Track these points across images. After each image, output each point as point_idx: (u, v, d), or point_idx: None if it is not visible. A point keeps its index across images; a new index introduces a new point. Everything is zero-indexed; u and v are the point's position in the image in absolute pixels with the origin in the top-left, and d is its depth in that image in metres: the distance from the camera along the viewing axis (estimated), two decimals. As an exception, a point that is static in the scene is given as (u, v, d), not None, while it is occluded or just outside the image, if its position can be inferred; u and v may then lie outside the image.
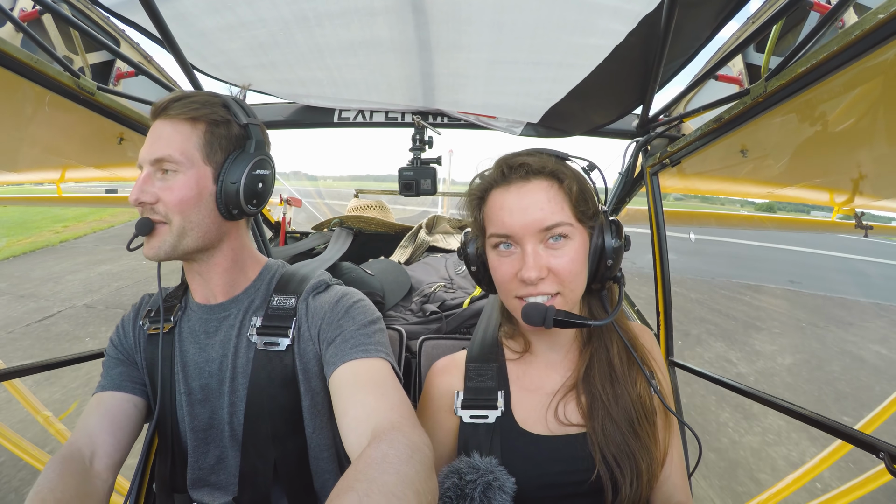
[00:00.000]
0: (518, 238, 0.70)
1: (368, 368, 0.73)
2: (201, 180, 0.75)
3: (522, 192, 0.70)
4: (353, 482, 0.47)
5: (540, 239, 0.69)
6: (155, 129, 0.76)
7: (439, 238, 1.98)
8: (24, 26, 0.90)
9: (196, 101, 0.76)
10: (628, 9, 0.79)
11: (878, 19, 0.58)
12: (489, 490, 0.65)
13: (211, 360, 0.81)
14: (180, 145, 0.74)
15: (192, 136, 0.75)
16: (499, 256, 0.73)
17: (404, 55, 1.10)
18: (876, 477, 1.56)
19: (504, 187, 0.72)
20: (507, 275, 0.71)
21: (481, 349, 0.86)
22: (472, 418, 0.77)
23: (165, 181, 0.74)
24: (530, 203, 0.69)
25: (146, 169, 0.74)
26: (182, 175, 0.74)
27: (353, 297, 0.84)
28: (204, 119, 0.76)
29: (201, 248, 0.78)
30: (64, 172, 1.81)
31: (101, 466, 0.72)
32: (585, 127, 1.38)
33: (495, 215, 0.72)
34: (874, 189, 1.34)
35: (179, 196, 0.73)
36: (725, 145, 1.09)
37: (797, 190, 1.49)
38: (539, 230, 0.68)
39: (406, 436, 0.57)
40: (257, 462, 0.79)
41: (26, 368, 1.16)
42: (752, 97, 0.87)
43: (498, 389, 0.79)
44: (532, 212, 0.69)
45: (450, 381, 0.83)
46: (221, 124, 0.78)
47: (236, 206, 0.77)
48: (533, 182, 0.70)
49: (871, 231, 1.69)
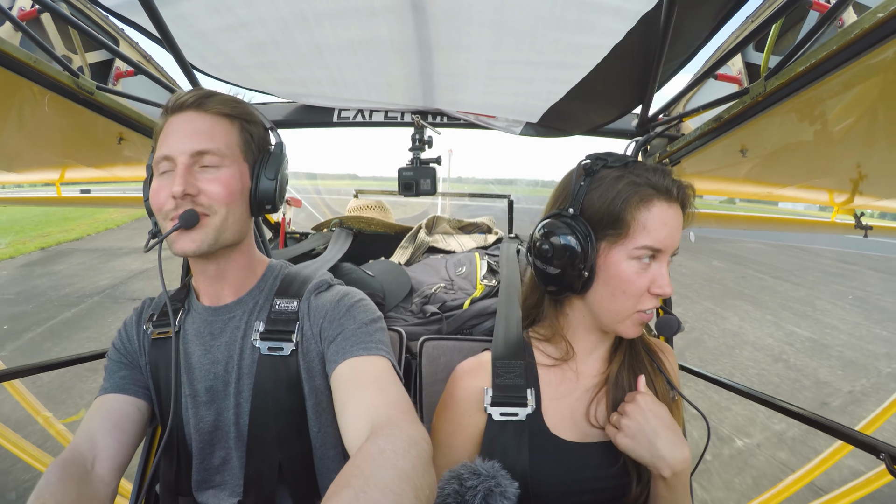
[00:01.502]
0: (662, 256, 0.73)
1: (369, 366, 0.73)
2: (243, 176, 0.78)
3: (677, 214, 0.73)
4: (350, 478, 0.46)
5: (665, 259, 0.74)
6: (185, 121, 0.75)
7: (439, 238, 1.98)
8: (22, 25, 0.89)
9: (231, 100, 0.79)
10: (627, 8, 0.79)
11: (877, 18, 0.58)
12: (490, 496, 0.64)
13: (217, 361, 0.81)
14: (224, 139, 0.75)
15: (232, 131, 0.77)
16: (637, 268, 0.71)
17: (404, 55, 1.10)
18: (876, 477, 1.56)
19: (668, 203, 0.72)
20: (641, 288, 0.72)
21: (507, 347, 0.85)
22: (501, 416, 0.77)
23: (210, 174, 0.74)
24: (676, 227, 0.73)
25: (183, 160, 0.72)
26: (227, 169, 0.75)
27: (354, 297, 0.84)
28: (239, 117, 0.78)
29: (235, 242, 0.80)
30: (63, 172, 1.81)
31: (103, 470, 0.72)
32: (585, 126, 1.38)
33: (656, 228, 0.70)
34: (874, 189, 1.34)
35: (228, 189, 0.75)
36: (725, 145, 1.09)
37: (797, 190, 1.49)
38: (672, 253, 0.74)
39: (403, 431, 0.57)
40: (262, 464, 0.79)
41: (26, 369, 1.16)
42: (752, 96, 0.87)
43: (527, 387, 0.79)
44: (677, 236, 0.73)
45: (476, 382, 0.82)
46: (254, 124, 0.81)
47: (271, 202, 0.80)
48: (675, 206, 0.73)
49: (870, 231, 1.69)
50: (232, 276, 0.83)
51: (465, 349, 1.20)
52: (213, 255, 0.79)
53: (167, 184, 0.73)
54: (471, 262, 1.58)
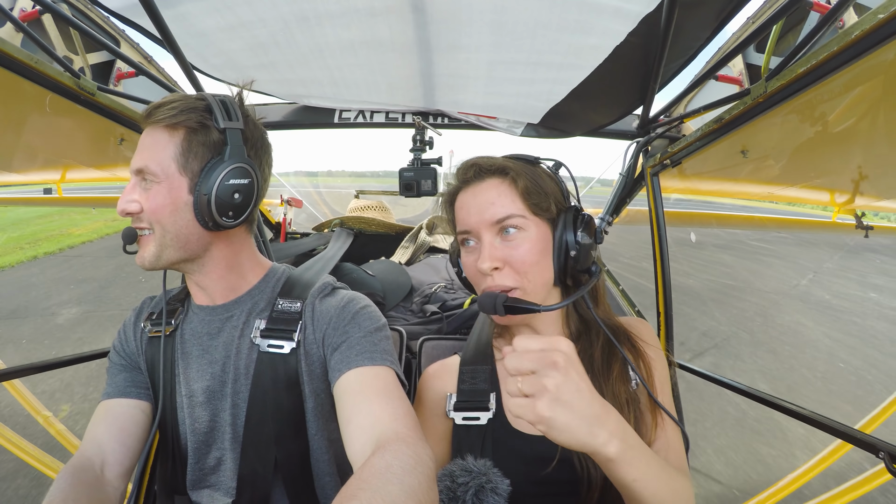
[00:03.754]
0: (476, 232, 0.75)
1: (374, 376, 0.72)
2: (174, 191, 0.72)
3: (477, 191, 0.76)
4: (357, 491, 0.47)
5: (495, 232, 0.74)
6: (142, 137, 0.75)
7: (440, 238, 1.98)
8: (23, 26, 0.90)
9: (176, 107, 0.72)
10: (628, 9, 0.79)
11: (878, 19, 0.58)
12: (481, 492, 0.65)
13: (214, 361, 0.81)
14: (156, 155, 0.72)
15: (169, 145, 0.72)
16: (466, 253, 0.79)
17: (404, 55, 1.10)
18: (875, 477, 1.56)
19: (464, 189, 0.78)
20: (471, 269, 0.77)
21: (475, 352, 0.86)
22: (464, 420, 0.78)
23: (146, 191, 0.73)
24: (483, 200, 0.75)
25: (132, 179, 0.74)
26: (157, 185, 0.72)
27: (359, 303, 0.84)
28: (182, 126, 0.73)
29: (184, 258, 0.76)
30: (64, 173, 1.81)
31: (112, 474, 0.72)
32: (586, 127, 1.39)
33: (458, 215, 0.79)
34: (875, 189, 1.34)
35: (153, 205, 0.72)
36: (726, 146, 1.09)
37: (798, 190, 1.49)
38: (491, 223, 0.73)
39: (410, 447, 0.57)
40: (256, 464, 0.79)
41: (26, 368, 1.16)
42: (753, 97, 0.87)
43: (491, 391, 0.80)
44: (485, 207, 0.74)
45: (442, 386, 0.83)
46: (199, 131, 0.73)
47: (210, 219, 0.73)
48: (486, 181, 0.76)
49: (871, 231, 1.69)
50: (213, 285, 0.82)
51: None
52: (176, 268, 0.78)
53: None
54: (471, 263, 1.58)
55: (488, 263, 0.71)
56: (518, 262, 0.72)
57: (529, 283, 0.73)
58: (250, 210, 0.78)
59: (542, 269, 0.74)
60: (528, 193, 0.74)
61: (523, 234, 0.73)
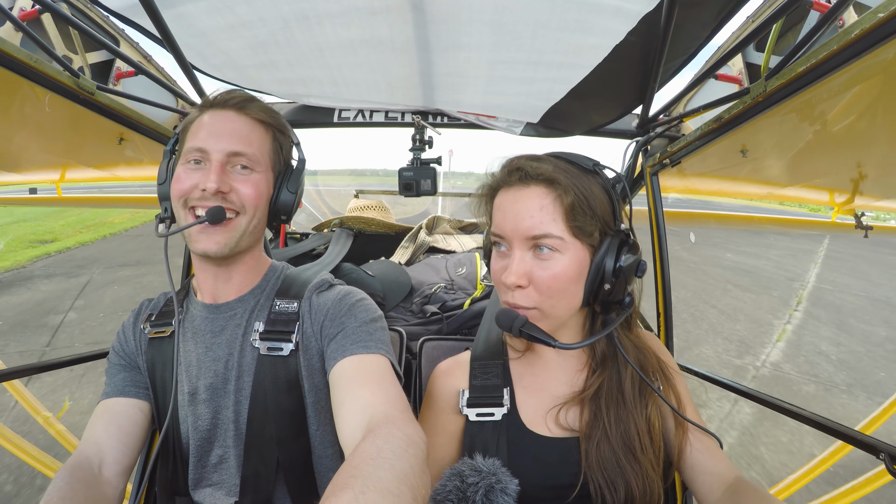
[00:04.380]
0: (509, 241, 0.70)
1: (367, 363, 0.73)
2: (269, 184, 0.80)
3: (518, 197, 0.70)
4: (349, 478, 0.46)
5: (528, 246, 0.68)
6: (226, 120, 0.77)
7: (439, 238, 1.98)
8: (23, 26, 0.89)
9: (270, 109, 0.81)
10: (628, 8, 0.79)
11: (877, 18, 0.58)
12: (491, 493, 0.64)
13: (217, 358, 0.81)
14: (260, 145, 0.78)
15: (266, 139, 0.80)
16: (496, 256, 0.74)
17: (404, 54, 1.10)
18: (876, 477, 1.56)
19: (506, 189, 0.72)
20: (497, 274, 0.73)
21: (486, 347, 0.86)
22: (478, 416, 0.77)
23: (244, 175, 0.76)
24: (522, 209, 0.68)
25: (218, 157, 0.74)
26: (258, 174, 0.77)
27: (355, 296, 0.85)
28: (274, 127, 0.81)
29: (251, 247, 0.82)
30: (64, 172, 1.81)
31: (110, 474, 0.72)
32: (585, 127, 1.38)
33: (496, 215, 0.73)
34: (874, 189, 1.34)
35: (256, 191, 0.77)
36: (725, 145, 1.08)
37: (797, 190, 1.49)
38: (525, 237, 0.68)
39: (401, 429, 0.57)
40: (260, 465, 0.79)
41: (26, 368, 1.16)
42: (752, 96, 0.86)
43: (503, 387, 0.79)
44: (522, 218, 0.68)
45: (454, 382, 0.82)
46: (285, 136, 0.84)
47: (287, 214, 0.82)
48: (531, 187, 0.69)
49: (871, 231, 1.69)
50: (238, 278, 0.84)
51: (464, 349, 1.20)
52: (237, 255, 0.81)
53: (196, 175, 0.74)
54: (471, 262, 1.58)
55: (513, 279, 0.67)
56: (544, 284, 0.67)
57: (551, 307, 0.69)
58: None
59: (569, 295, 0.69)
60: (574, 213, 0.67)
61: (558, 256, 0.67)
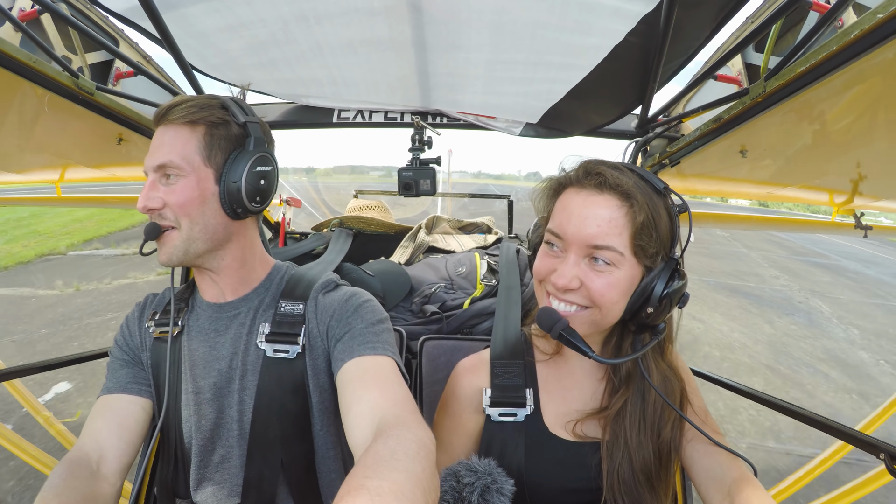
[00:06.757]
0: (567, 243, 0.68)
1: (374, 365, 0.73)
2: (202, 182, 0.76)
3: (590, 201, 0.68)
4: (364, 479, 0.46)
5: (585, 254, 0.67)
6: (157, 136, 0.77)
7: (439, 238, 1.97)
8: (22, 26, 0.89)
9: (194, 105, 0.77)
10: (627, 9, 0.79)
11: (877, 19, 0.58)
12: (487, 493, 0.65)
13: (221, 357, 0.81)
14: (180, 150, 0.75)
15: (192, 139, 0.76)
16: (546, 251, 0.72)
17: (403, 55, 1.10)
18: (876, 477, 1.56)
19: (577, 189, 0.70)
20: (542, 270, 0.71)
21: (505, 346, 0.85)
22: (500, 416, 0.77)
23: (169, 186, 0.75)
24: (591, 215, 0.66)
25: (150, 176, 0.76)
26: (184, 179, 0.75)
27: (362, 297, 0.85)
28: (202, 122, 0.77)
29: (210, 249, 0.79)
30: (63, 173, 1.80)
31: (108, 470, 0.72)
32: (584, 127, 1.38)
33: (558, 213, 0.71)
34: (874, 189, 1.34)
35: (182, 199, 0.74)
36: (725, 145, 1.08)
37: (797, 190, 1.49)
38: (587, 245, 0.66)
39: (412, 431, 0.57)
40: (263, 466, 0.79)
41: (26, 368, 1.16)
42: (752, 97, 0.86)
43: (526, 387, 0.78)
44: (589, 224, 0.66)
45: (477, 381, 0.82)
46: (220, 125, 0.78)
47: (240, 205, 0.78)
48: (605, 195, 0.67)
49: (870, 231, 1.69)
50: (226, 279, 0.83)
51: (465, 349, 1.21)
52: (197, 260, 0.79)
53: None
54: (471, 262, 1.58)
55: (565, 281, 0.66)
56: (598, 292, 0.66)
57: (606, 313, 0.68)
58: (272, 195, 0.84)
59: (617, 309, 0.69)
60: (641, 233, 0.66)
61: (612, 270, 0.66)
